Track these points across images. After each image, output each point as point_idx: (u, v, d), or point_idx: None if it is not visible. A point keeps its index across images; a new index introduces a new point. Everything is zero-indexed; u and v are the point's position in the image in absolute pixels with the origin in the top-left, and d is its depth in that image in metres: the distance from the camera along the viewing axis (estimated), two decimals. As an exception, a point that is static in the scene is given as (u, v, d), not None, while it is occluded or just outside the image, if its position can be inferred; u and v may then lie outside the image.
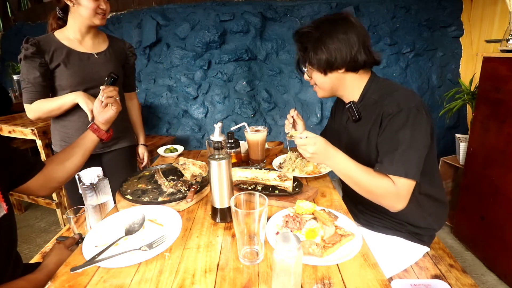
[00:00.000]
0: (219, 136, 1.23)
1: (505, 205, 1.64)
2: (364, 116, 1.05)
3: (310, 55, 1.00)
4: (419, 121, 0.91)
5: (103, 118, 1.03)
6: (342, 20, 0.98)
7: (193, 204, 1.04)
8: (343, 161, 0.94)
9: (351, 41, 0.96)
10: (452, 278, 1.19)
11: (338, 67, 0.99)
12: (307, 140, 0.93)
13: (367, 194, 0.96)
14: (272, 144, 1.57)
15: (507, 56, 1.60)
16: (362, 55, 0.98)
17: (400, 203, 0.92)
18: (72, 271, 0.69)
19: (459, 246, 2.05)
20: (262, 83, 3.01)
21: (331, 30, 0.97)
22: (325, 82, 1.04)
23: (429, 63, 2.89)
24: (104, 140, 1.06)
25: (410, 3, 2.76)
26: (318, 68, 1.02)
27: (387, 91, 0.99)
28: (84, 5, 1.25)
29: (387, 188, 0.91)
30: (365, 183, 0.93)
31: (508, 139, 1.61)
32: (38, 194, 0.96)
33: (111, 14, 3.08)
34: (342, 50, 0.96)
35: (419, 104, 0.93)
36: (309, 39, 1.00)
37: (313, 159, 0.96)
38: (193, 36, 2.90)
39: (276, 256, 0.58)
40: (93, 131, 1.03)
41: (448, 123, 2.88)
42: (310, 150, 0.92)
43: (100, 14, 1.30)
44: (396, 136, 0.91)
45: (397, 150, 0.90)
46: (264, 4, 2.84)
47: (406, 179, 0.89)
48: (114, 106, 1.04)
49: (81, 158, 1.01)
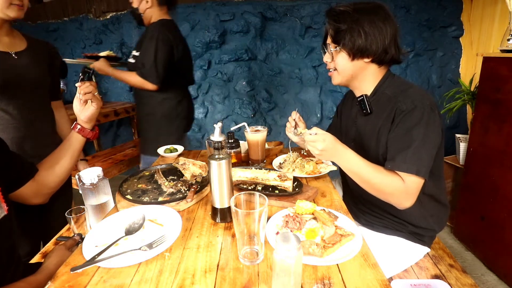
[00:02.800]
0: (219, 136, 1.23)
1: (505, 205, 1.64)
2: (375, 111, 1.03)
3: (345, 36, 0.96)
4: (433, 120, 0.91)
5: (84, 116, 0.98)
6: (380, 8, 0.96)
7: (193, 204, 1.03)
8: (352, 159, 0.93)
9: (387, 32, 0.95)
10: (452, 278, 1.18)
11: (368, 55, 0.97)
12: (317, 137, 0.92)
13: (376, 192, 0.95)
14: (272, 144, 1.57)
15: (507, 56, 1.60)
16: (392, 49, 0.97)
17: (409, 201, 0.92)
18: (72, 271, 0.69)
19: (459, 246, 2.04)
20: (262, 83, 3.01)
21: (371, 16, 0.95)
22: (348, 68, 1.01)
23: (429, 63, 2.89)
24: (91, 139, 1.03)
25: (410, 3, 2.76)
26: (348, 51, 0.98)
27: (402, 88, 0.98)
28: None
29: (396, 186, 0.90)
30: (374, 181, 0.92)
31: (508, 139, 1.61)
32: (33, 202, 0.93)
33: (111, 14, 3.08)
34: (378, 39, 0.94)
35: (433, 103, 0.93)
36: (346, 20, 0.96)
37: (321, 156, 0.94)
38: (193, 36, 2.90)
39: (276, 256, 0.58)
40: (77, 131, 0.99)
41: (448, 123, 2.88)
42: (319, 147, 0.91)
43: (16, 5, 1.10)
44: (409, 133, 0.91)
45: (410, 148, 0.89)
46: (264, 4, 2.84)
47: (416, 177, 0.89)
48: (94, 102, 0.98)
49: (70, 160, 0.98)
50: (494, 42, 2.40)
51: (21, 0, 1.11)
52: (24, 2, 1.13)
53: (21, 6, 1.12)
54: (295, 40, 2.93)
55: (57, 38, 3.36)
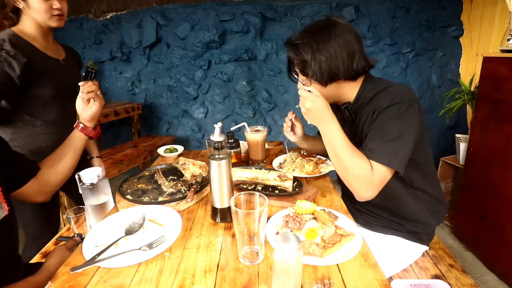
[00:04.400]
0: (219, 136, 1.23)
1: (505, 205, 1.64)
2: (359, 115, 1.03)
3: (311, 68, 0.97)
4: (410, 114, 0.90)
5: (87, 115, 1.00)
6: (333, 25, 0.96)
7: (193, 204, 1.04)
8: (335, 130, 0.92)
9: (349, 46, 0.94)
10: (452, 278, 1.19)
11: (339, 77, 0.98)
12: (309, 95, 0.91)
13: (342, 171, 0.93)
14: (272, 144, 1.57)
15: (507, 56, 1.60)
16: (359, 61, 0.97)
17: (370, 191, 0.89)
18: (72, 271, 0.69)
19: (459, 246, 2.05)
20: (262, 83, 3.01)
21: (328, 39, 0.94)
22: (324, 93, 0.99)
23: (429, 63, 2.89)
24: (93, 138, 1.04)
25: (410, 3, 2.76)
26: (319, 81, 0.99)
27: (382, 87, 0.98)
28: (34, 7, 1.10)
29: (364, 171, 0.88)
30: (346, 159, 0.90)
31: (508, 139, 1.61)
32: (35, 200, 0.94)
33: (111, 14, 3.08)
34: (343, 58, 0.94)
35: (412, 98, 0.92)
36: (306, 51, 0.96)
37: (307, 116, 0.94)
38: (193, 36, 2.90)
39: (276, 256, 0.58)
40: (80, 130, 1.00)
41: (448, 123, 2.88)
42: (307, 105, 0.91)
43: (56, 16, 1.15)
44: (385, 126, 0.90)
45: (384, 139, 0.88)
46: (264, 4, 2.84)
47: (385, 168, 0.87)
48: (97, 101, 0.99)
49: (72, 158, 0.99)
50: (494, 42, 2.40)
51: (60, 10, 1.15)
52: (64, 12, 1.17)
53: (61, 16, 1.17)
54: (295, 40, 2.92)
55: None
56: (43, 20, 1.13)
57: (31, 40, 1.15)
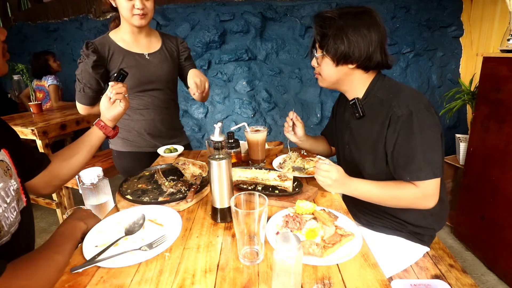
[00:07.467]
0: (219, 136, 1.23)
1: (505, 205, 1.64)
2: (368, 114, 1.04)
3: (328, 42, 0.98)
4: (432, 120, 0.93)
5: (110, 114, 1.00)
6: (367, 15, 0.97)
7: (193, 204, 1.03)
8: (360, 186, 0.97)
9: (372, 39, 0.95)
10: (452, 278, 1.18)
11: (352, 61, 0.98)
12: (330, 167, 0.94)
13: (396, 206, 0.98)
14: (272, 144, 1.57)
15: (507, 56, 1.60)
16: (378, 55, 0.97)
17: (432, 201, 0.94)
18: (72, 271, 0.69)
19: (459, 246, 2.05)
20: (262, 83, 3.01)
21: (356, 23, 0.95)
22: (332, 74, 1.02)
23: (429, 63, 2.89)
24: (110, 137, 1.04)
25: (410, 3, 2.76)
26: (332, 57, 1.00)
27: (394, 92, 0.99)
28: (120, 5, 1.19)
29: (412, 195, 0.93)
30: (388, 199, 0.96)
31: (508, 139, 1.61)
32: (41, 193, 0.95)
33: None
34: (361, 46, 0.95)
35: (427, 103, 0.94)
36: (331, 26, 0.97)
37: (332, 187, 0.97)
38: (193, 36, 2.90)
39: (276, 256, 0.58)
40: (99, 127, 1.01)
41: (448, 123, 2.88)
42: (333, 177, 0.94)
43: (138, 15, 1.21)
44: (414, 140, 0.92)
45: (419, 154, 0.91)
46: (264, 4, 2.84)
47: (432, 180, 0.92)
48: (123, 102, 1.01)
49: (86, 154, 0.99)
50: (494, 42, 2.40)
51: (142, 9, 1.20)
52: (146, 11, 1.23)
53: (143, 15, 1.23)
54: (295, 40, 2.93)
55: (57, 38, 3.37)
56: (127, 18, 1.23)
57: (118, 40, 1.32)
